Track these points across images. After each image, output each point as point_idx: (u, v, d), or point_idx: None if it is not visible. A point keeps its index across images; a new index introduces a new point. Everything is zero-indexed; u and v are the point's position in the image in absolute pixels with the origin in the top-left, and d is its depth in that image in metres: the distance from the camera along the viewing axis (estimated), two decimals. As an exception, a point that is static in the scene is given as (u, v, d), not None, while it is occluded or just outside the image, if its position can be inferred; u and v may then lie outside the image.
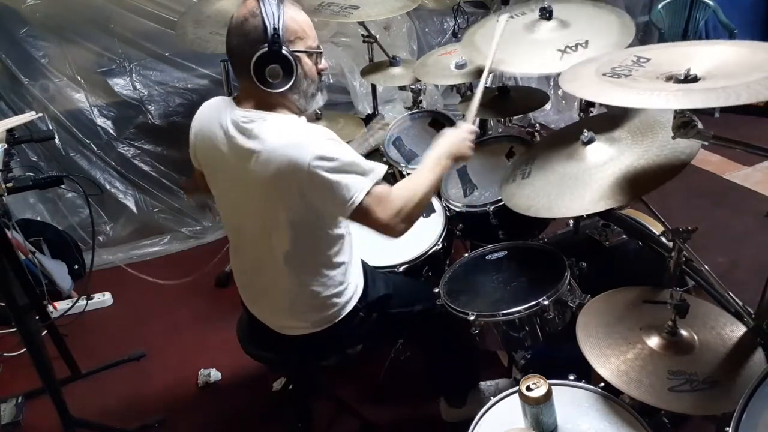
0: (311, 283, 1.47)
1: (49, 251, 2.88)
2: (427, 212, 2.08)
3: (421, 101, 2.56)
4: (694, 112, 1.15)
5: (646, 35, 4.18)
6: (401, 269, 1.84)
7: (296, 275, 1.46)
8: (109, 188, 3.15)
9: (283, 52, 1.30)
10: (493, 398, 1.33)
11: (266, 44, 1.28)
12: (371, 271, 1.69)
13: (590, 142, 1.52)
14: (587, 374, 1.32)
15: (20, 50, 2.88)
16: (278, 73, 1.31)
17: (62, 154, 3.03)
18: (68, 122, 3.01)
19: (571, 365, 1.33)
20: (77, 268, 2.98)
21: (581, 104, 1.90)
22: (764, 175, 3.26)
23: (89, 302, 2.73)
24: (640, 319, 1.38)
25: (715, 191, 3.18)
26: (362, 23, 2.51)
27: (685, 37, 3.95)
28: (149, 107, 3.13)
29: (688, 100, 1.04)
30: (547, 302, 1.53)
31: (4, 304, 1.77)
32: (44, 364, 1.88)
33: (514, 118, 2.20)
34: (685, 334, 1.32)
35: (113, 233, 3.22)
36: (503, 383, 2.01)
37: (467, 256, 1.88)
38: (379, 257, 1.84)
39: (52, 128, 2.93)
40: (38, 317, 2.08)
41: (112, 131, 3.11)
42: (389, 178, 2.39)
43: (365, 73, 2.59)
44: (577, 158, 1.53)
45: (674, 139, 1.22)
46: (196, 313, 2.73)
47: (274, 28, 1.28)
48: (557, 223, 2.10)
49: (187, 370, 2.37)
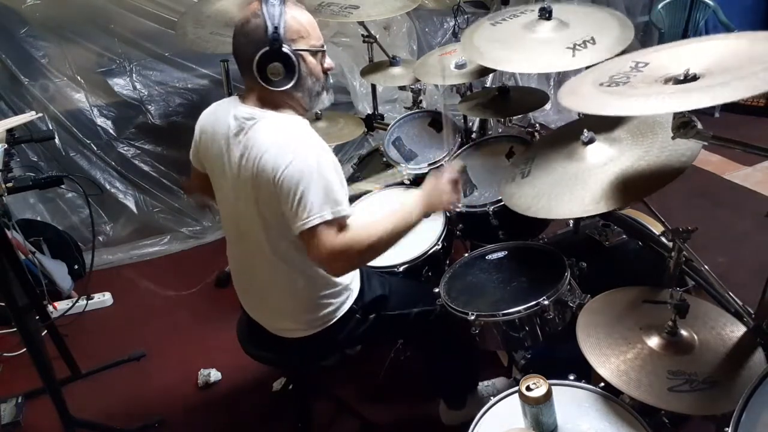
0: (305, 284, 1.47)
1: (49, 251, 2.88)
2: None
3: (421, 101, 2.56)
4: (693, 112, 1.15)
5: (646, 35, 4.17)
6: (401, 269, 1.84)
7: (289, 276, 1.47)
8: (109, 188, 3.15)
9: (284, 50, 1.31)
10: (492, 398, 1.33)
11: (267, 43, 1.29)
12: (367, 272, 1.69)
13: (590, 142, 1.52)
14: (587, 374, 1.32)
15: (20, 50, 2.88)
16: (280, 71, 1.32)
17: (62, 154, 3.03)
18: (68, 122, 3.00)
19: (571, 365, 1.33)
20: (77, 268, 2.99)
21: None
22: (764, 175, 3.26)
23: (89, 302, 2.73)
24: (640, 319, 1.38)
25: (715, 191, 3.18)
26: (362, 23, 2.51)
27: (685, 37, 3.95)
28: (149, 107, 3.13)
29: (682, 102, 1.03)
30: (547, 302, 1.53)
31: (4, 304, 1.76)
32: (44, 364, 1.88)
33: (514, 118, 2.20)
34: (685, 334, 1.32)
35: (113, 233, 3.22)
36: (500, 383, 2.01)
37: (467, 256, 1.88)
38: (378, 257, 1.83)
39: (52, 128, 2.92)
40: (38, 317, 2.08)
41: (112, 131, 3.11)
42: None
43: (365, 73, 2.59)
44: (577, 158, 1.53)
45: (674, 139, 1.22)
46: (196, 313, 2.73)
47: (274, 27, 1.29)
48: (557, 223, 2.09)
49: (187, 370, 2.37)
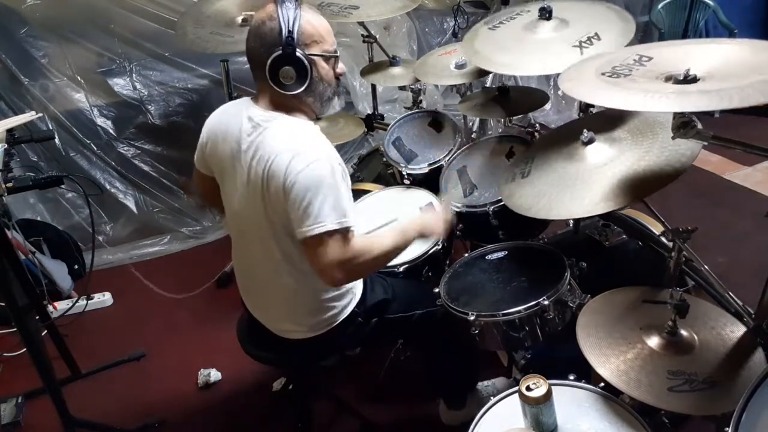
0: (309, 286, 1.47)
1: (49, 251, 2.88)
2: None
3: (421, 101, 2.56)
4: (693, 111, 1.15)
5: (646, 35, 4.17)
6: (401, 269, 1.83)
7: (294, 278, 1.46)
8: (109, 188, 3.15)
9: (297, 54, 1.30)
10: (492, 398, 1.33)
11: (281, 47, 1.29)
12: (370, 276, 1.69)
13: (590, 142, 1.51)
14: (587, 374, 1.32)
15: (20, 50, 2.88)
16: (292, 75, 1.32)
17: (62, 154, 3.03)
18: (68, 122, 3.01)
19: (571, 365, 1.33)
20: (77, 268, 2.99)
21: (581, 104, 1.90)
22: (764, 175, 3.26)
23: (89, 302, 2.73)
24: (640, 319, 1.38)
25: (715, 191, 3.18)
26: (362, 23, 2.50)
27: (685, 37, 3.95)
28: (149, 107, 3.13)
29: (680, 103, 1.03)
30: (547, 302, 1.53)
31: (4, 304, 1.77)
32: (44, 364, 1.88)
33: (514, 118, 2.19)
34: (685, 334, 1.31)
35: (113, 233, 3.22)
36: (500, 383, 2.01)
37: (467, 256, 1.88)
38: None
39: (52, 128, 2.92)
40: (38, 317, 2.08)
41: (112, 131, 3.11)
42: (389, 178, 2.39)
43: (365, 73, 2.59)
44: (577, 158, 1.53)
45: (674, 139, 1.22)
46: (196, 313, 2.72)
47: (289, 30, 1.29)
48: (557, 223, 2.10)
49: (187, 370, 2.37)
